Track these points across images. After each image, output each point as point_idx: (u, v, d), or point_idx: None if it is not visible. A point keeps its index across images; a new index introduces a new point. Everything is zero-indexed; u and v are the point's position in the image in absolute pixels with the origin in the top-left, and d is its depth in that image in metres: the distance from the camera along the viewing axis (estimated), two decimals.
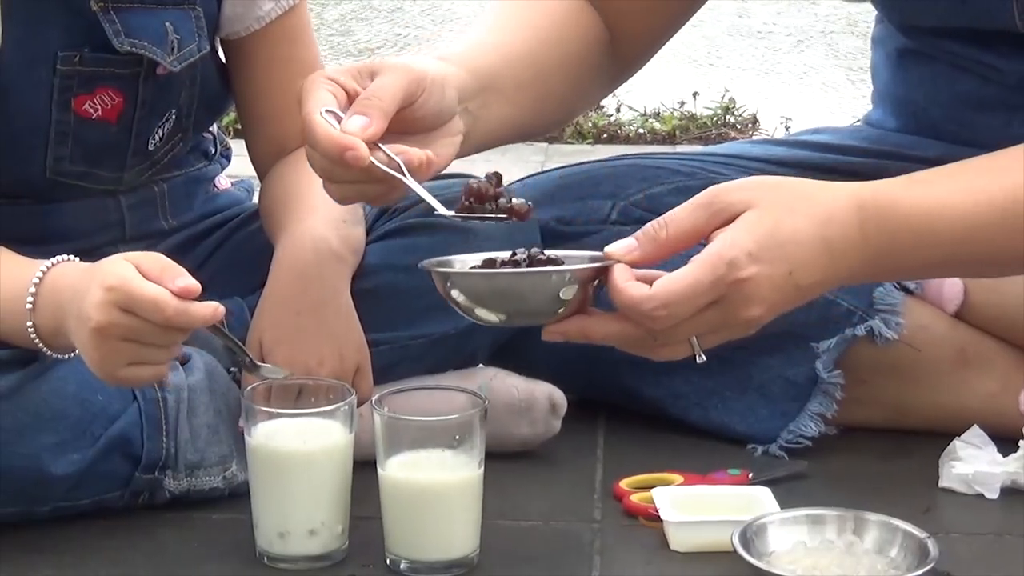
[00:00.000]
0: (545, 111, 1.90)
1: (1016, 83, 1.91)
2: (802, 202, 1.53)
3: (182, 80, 1.83)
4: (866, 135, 2.10)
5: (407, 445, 1.55)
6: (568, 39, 1.89)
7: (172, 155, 1.89)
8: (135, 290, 1.49)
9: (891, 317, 1.85)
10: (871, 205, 1.56)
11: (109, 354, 1.51)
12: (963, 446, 1.77)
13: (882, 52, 2.10)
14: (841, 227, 1.53)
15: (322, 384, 1.62)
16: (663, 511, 1.63)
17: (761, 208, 1.51)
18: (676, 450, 1.85)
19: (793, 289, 1.51)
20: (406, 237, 1.86)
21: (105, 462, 1.66)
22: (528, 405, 1.82)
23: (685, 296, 1.47)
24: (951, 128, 1.99)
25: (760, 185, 1.54)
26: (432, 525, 1.56)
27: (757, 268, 1.48)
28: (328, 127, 1.54)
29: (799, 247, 1.51)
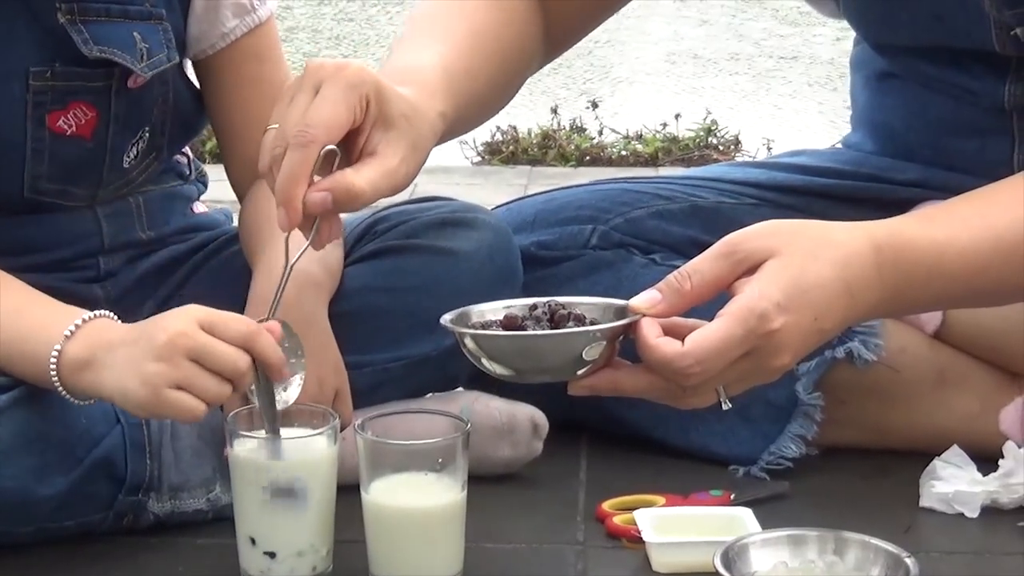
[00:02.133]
0: (487, 111, 1.88)
1: (989, 106, 1.92)
2: (823, 247, 1.53)
3: (154, 96, 1.85)
4: (845, 158, 2.12)
5: (390, 469, 1.55)
6: (514, 39, 1.87)
7: (147, 173, 1.90)
8: (217, 312, 1.54)
9: (870, 339, 1.86)
10: (887, 245, 1.56)
11: (166, 369, 1.51)
12: (943, 466, 1.78)
13: (860, 76, 2.12)
14: (860, 269, 1.54)
15: (305, 409, 1.63)
16: (645, 532, 1.64)
17: (784, 256, 1.50)
18: (658, 472, 1.86)
19: (817, 333, 1.52)
20: (387, 259, 1.86)
21: (89, 484, 1.66)
22: (510, 427, 1.83)
23: (718, 351, 1.47)
24: (926, 152, 2.00)
25: (779, 231, 1.54)
26: (415, 548, 1.56)
27: (786, 318, 1.48)
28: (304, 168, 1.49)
29: (823, 292, 1.51)
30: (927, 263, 1.58)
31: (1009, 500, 1.76)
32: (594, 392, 1.53)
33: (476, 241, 1.86)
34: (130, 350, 1.54)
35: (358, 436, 1.56)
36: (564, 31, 1.96)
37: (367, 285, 1.85)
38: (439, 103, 1.64)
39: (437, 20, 1.82)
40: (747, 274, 1.50)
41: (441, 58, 1.70)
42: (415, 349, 1.84)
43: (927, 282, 1.59)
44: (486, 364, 1.52)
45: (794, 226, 1.55)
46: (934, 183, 1.99)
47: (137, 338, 1.54)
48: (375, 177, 1.53)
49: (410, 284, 1.82)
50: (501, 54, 1.83)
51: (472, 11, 1.83)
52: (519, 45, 1.88)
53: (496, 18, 1.84)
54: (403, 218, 1.90)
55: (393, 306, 1.83)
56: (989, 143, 1.94)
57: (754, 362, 1.49)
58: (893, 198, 2.01)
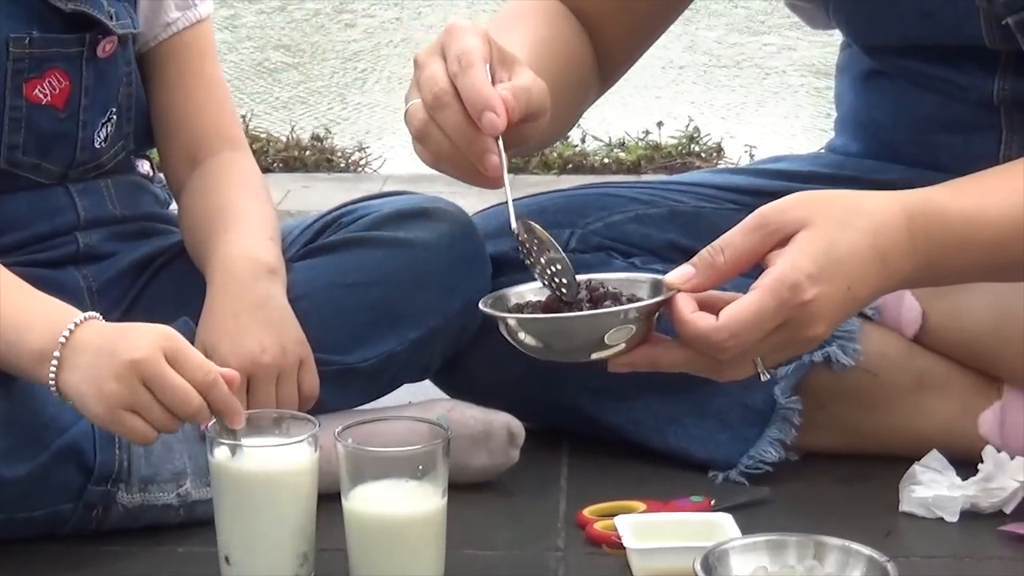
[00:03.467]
0: (563, 124, 1.95)
1: (978, 101, 1.93)
2: (854, 216, 1.54)
3: (119, 74, 1.90)
4: (826, 161, 2.12)
5: (370, 476, 1.55)
6: (579, 55, 1.92)
7: (116, 161, 1.94)
8: (184, 345, 1.55)
9: (848, 344, 1.87)
10: (919, 213, 1.58)
11: (123, 392, 1.53)
12: (923, 470, 1.79)
13: (847, 78, 2.12)
14: (893, 237, 1.55)
15: (285, 417, 1.63)
16: (625, 539, 1.64)
17: (815, 226, 1.52)
18: (639, 478, 1.87)
19: (851, 302, 1.54)
20: (347, 252, 1.88)
21: (57, 471, 1.67)
22: (486, 435, 1.83)
23: (753, 324, 1.48)
24: (913, 150, 2.01)
25: (811, 201, 1.55)
26: (396, 556, 1.56)
27: (819, 288, 1.49)
28: (486, 79, 1.52)
29: (855, 261, 1.52)
30: (959, 232, 1.60)
31: (989, 504, 1.76)
32: (633, 368, 1.55)
33: (436, 231, 1.89)
34: (95, 361, 1.55)
35: (338, 444, 1.56)
36: (612, 61, 1.99)
37: (331, 281, 1.87)
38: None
39: (502, 29, 1.83)
40: (779, 246, 1.52)
41: (520, 48, 1.71)
42: (382, 346, 1.86)
43: (959, 251, 1.60)
44: (525, 342, 1.53)
45: (825, 196, 1.57)
46: (916, 184, 2.00)
47: (102, 349, 1.55)
48: (527, 83, 1.55)
49: (371, 278, 1.84)
50: (561, 61, 1.86)
51: (534, 25, 1.88)
52: (576, 61, 1.91)
53: (553, 33, 1.89)
54: (365, 211, 1.93)
55: (355, 301, 1.85)
56: (976, 138, 1.95)
57: (790, 333, 1.51)
58: None
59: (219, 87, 2.03)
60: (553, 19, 1.92)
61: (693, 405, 1.89)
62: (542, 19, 1.91)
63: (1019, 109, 1.91)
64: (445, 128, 1.53)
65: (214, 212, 1.89)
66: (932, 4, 1.87)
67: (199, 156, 1.97)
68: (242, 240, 1.83)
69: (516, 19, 1.91)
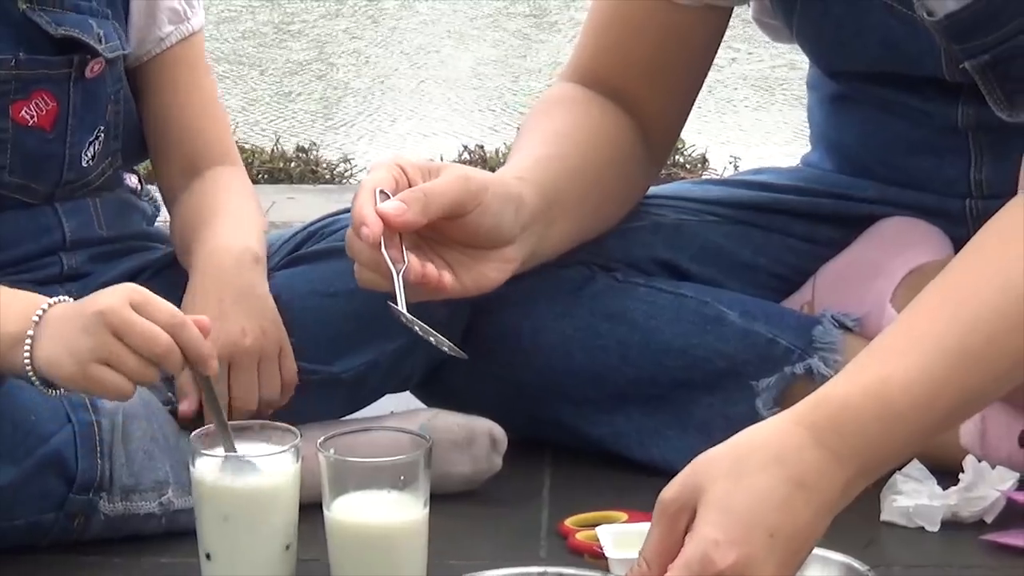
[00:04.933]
0: (603, 216, 1.93)
1: (944, 125, 1.93)
2: (746, 460, 1.38)
3: (107, 92, 1.89)
4: (805, 175, 2.13)
5: (352, 486, 1.55)
6: (611, 140, 1.93)
7: (103, 179, 1.94)
8: (153, 296, 1.56)
9: (830, 355, 1.87)
10: (819, 418, 1.40)
11: (92, 344, 1.53)
12: (904, 480, 1.79)
13: (816, 96, 2.13)
14: (799, 458, 1.38)
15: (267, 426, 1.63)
16: (607, 548, 1.64)
17: (708, 491, 1.36)
18: (621, 488, 1.87)
19: (786, 544, 1.37)
20: (331, 261, 1.89)
21: (39, 479, 1.67)
22: (468, 441, 1.83)
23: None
24: (883, 171, 2.02)
25: (697, 468, 1.39)
26: (378, 566, 1.56)
27: (732, 553, 1.33)
28: (366, 200, 1.61)
29: (766, 504, 1.36)
30: (873, 412, 1.41)
31: (969, 514, 1.76)
32: None
33: None
34: (62, 324, 1.56)
35: (320, 454, 1.56)
36: (657, 131, 1.99)
37: (313, 290, 1.87)
38: (510, 171, 1.78)
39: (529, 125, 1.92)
40: (690, 523, 1.37)
41: (524, 150, 1.83)
42: (364, 355, 1.87)
43: (887, 433, 1.41)
44: None
45: (709, 455, 1.40)
46: (893, 200, 2.01)
47: (71, 313, 1.57)
48: (426, 187, 1.66)
49: (352, 286, 1.83)
50: (586, 147, 1.88)
51: (559, 115, 1.92)
52: (607, 144, 1.92)
53: (579, 120, 1.91)
54: (348, 222, 1.91)
55: (337, 310, 1.86)
56: (946, 161, 1.96)
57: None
58: (853, 214, 2.03)
59: (213, 99, 2.04)
60: (579, 108, 1.93)
61: (676, 418, 1.90)
62: (567, 112, 1.92)
63: (985, 132, 1.91)
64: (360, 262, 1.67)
65: (203, 211, 1.91)
66: (894, 35, 1.87)
67: (197, 168, 1.98)
68: (228, 231, 1.86)
69: (540, 118, 1.93)
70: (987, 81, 1.84)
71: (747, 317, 1.91)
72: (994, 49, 1.81)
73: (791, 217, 2.05)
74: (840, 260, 2.00)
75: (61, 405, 1.68)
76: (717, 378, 1.87)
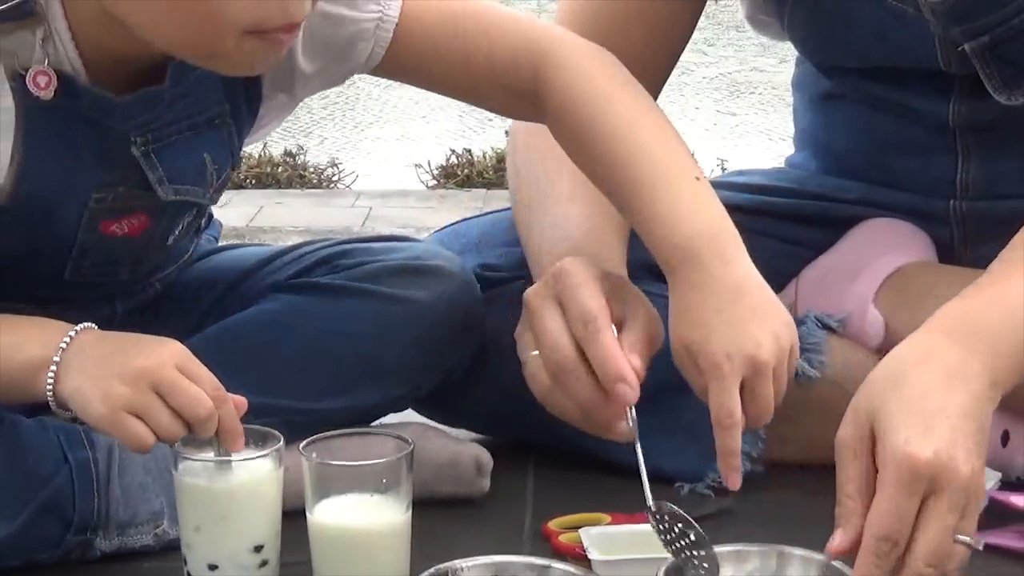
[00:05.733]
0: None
1: (934, 124, 1.94)
2: (899, 370, 1.49)
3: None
4: (790, 176, 2.14)
5: (335, 490, 1.55)
6: None
7: (182, 242, 1.88)
8: (197, 362, 1.54)
9: (814, 356, 1.88)
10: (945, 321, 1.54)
11: (129, 393, 1.51)
12: None
13: (803, 96, 2.14)
14: (942, 356, 1.49)
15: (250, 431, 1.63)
16: (590, 551, 1.64)
17: (882, 408, 1.46)
18: (605, 490, 1.87)
19: (966, 427, 1.45)
20: (344, 301, 1.86)
21: (37, 527, 1.66)
22: (452, 465, 1.82)
23: (892, 514, 1.42)
24: (870, 171, 2.02)
25: (861, 399, 1.50)
26: (361, 569, 1.56)
27: (927, 443, 1.42)
28: (616, 346, 1.57)
29: (934, 398, 1.46)
30: (995, 315, 1.54)
31: None
32: None
33: (436, 292, 1.86)
34: (102, 362, 1.53)
35: (302, 458, 1.56)
36: None
37: (323, 327, 1.84)
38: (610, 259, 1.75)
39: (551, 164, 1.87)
40: (876, 446, 1.46)
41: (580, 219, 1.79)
42: (363, 399, 1.85)
43: (1011, 332, 1.53)
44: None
45: (869, 382, 1.51)
46: (878, 202, 2.01)
47: (111, 353, 1.54)
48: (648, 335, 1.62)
49: (365, 331, 1.82)
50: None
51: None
52: None
53: None
54: (366, 258, 1.89)
55: (347, 352, 1.83)
56: (933, 161, 1.96)
57: (948, 494, 1.43)
58: (837, 215, 2.03)
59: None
60: None
61: (661, 420, 1.90)
62: None
63: (974, 132, 1.92)
64: (572, 395, 1.59)
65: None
66: (887, 27, 1.88)
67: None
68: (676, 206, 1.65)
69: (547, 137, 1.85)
70: (985, 64, 1.85)
71: None
72: (993, 30, 1.82)
73: (775, 219, 2.06)
74: (823, 262, 2.00)
75: (57, 441, 1.67)
76: None
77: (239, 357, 1.80)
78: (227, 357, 1.76)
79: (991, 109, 1.88)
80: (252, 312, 1.86)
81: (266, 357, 1.82)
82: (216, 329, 1.86)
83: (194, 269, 1.96)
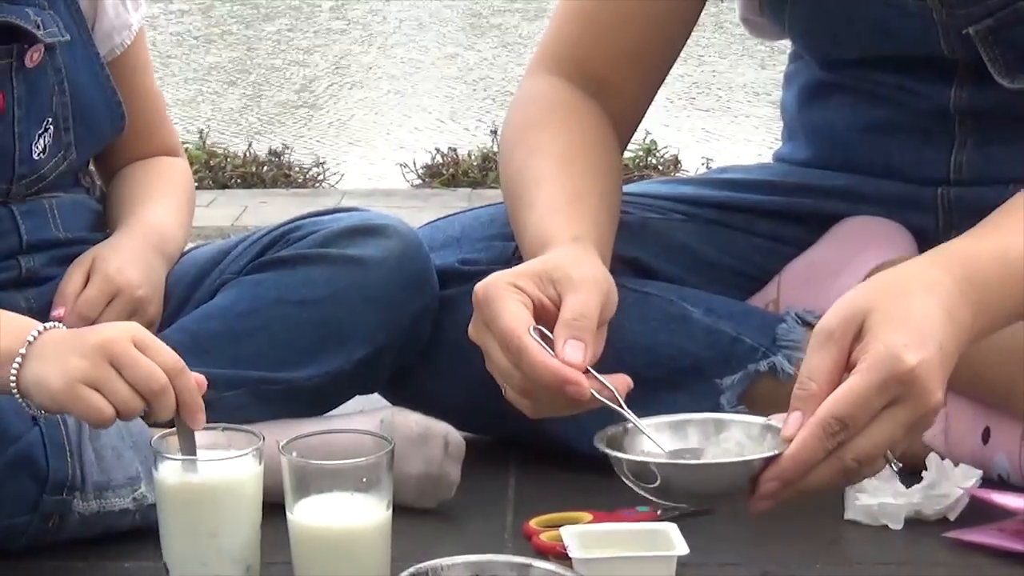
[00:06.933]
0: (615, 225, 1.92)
1: (933, 109, 1.94)
2: (906, 285, 1.53)
3: (49, 82, 1.91)
4: (773, 171, 2.14)
5: (315, 489, 1.55)
6: (606, 148, 1.93)
7: (57, 172, 1.95)
8: (156, 339, 1.57)
9: (793, 353, 1.87)
10: (954, 264, 1.57)
11: (86, 366, 1.53)
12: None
13: (795, 87, 2.13)
14: (945, 291, 1.54)
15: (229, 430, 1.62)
16: (571, 549, 1.64)
17: (880, 308, 1.50)
18: (586, 488, 1.86)
19: (949, 360, 1.51)
20: (297, 269, 1.89)
21: (11, 482, 1.66)
22: (423, 438, 1.81)
23: (859, 402, 1.45)
24: (866, 155, 2.02)
25: (860, 293, 1.53)
26: (343, 568, 1.56)
27: (919, 355, 1.46)
28: (544, 354, 1.56)
29: (933, 322, 1.50)
30: (996, 271, 1.59)
31: (932, 511, 1.77)
32: (777, 502, 1.52)
33: (385, 249, 1.89)
34: (59, 345, 1.56)
35: (282, 457, 1.56)
36: (626, 119, 1.99)
37: (279, 298, 1.87)
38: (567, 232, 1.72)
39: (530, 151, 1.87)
40: (856, 343, 1.49)
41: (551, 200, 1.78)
42: (328, 363, 1.86)
43: (1004, 291, 1.60)
44: (650, 488, 1.53)
45: (869, 283, 1.55)
46: (862, 191, 2.01)
47: (69, 337, 1.57)
48: (582, 318, 1.59)
49: (320, 295, 1.84)
50: (592, 161, 1.87)
51: (557, 133, 1.89)
52: (604, 149, 1.92)
53: (576, 136, 1.89)
54: (314, 228, 1.93)
55: (304, 318, 1.85)
56: (928, 144, 1.97)
57: (911, 410, 1.47)
58: (818, 212, 2.03)
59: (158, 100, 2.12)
60: (574, 120, 1.91)
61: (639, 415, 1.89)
62: (565, 128, 1.90)
63: (974, 116, 1.92)
64: (544, 403, 1.61)
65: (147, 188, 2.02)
66: (888, 20, 1.88)
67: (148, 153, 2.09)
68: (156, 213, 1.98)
69: (543, 137, 1.90)
70: (989, 47, 1.85)
71: (712, 315, 1.92)
72: (998, 13, 1.83)
73: (756, 216, 2.06)
74: (804, 258, 2.01)
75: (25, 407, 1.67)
76: (682, 376, 1.87)
77: (204, 339, 1.84)
78: (192, 339, 1.82)
79: (993, 95, 1.89)
80: (215, 299, 1.91)
81: (230, 333, 1.85)
82: (181, 321, 1.90)
83: None
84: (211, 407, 1.66)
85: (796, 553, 1.71)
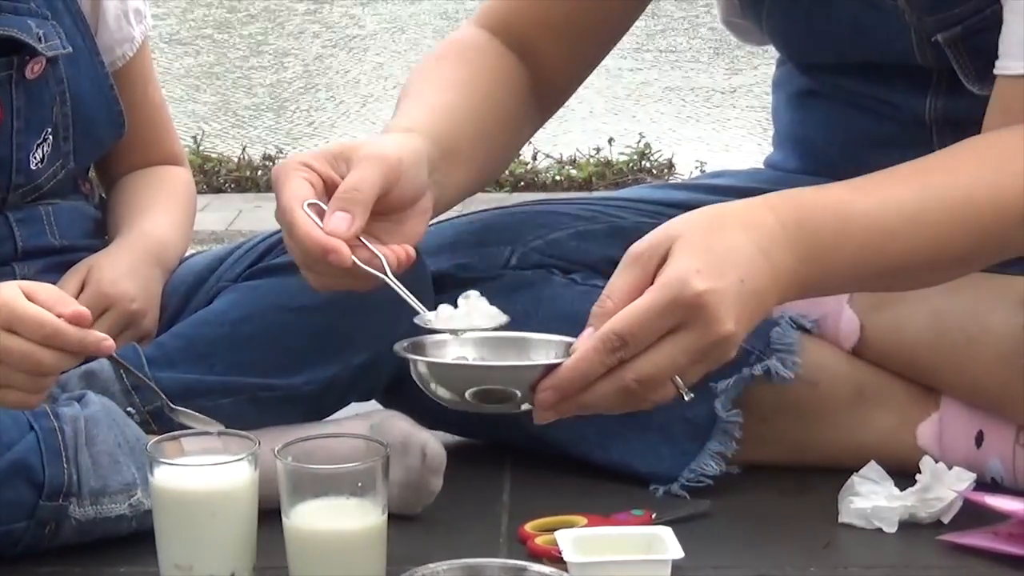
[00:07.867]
0: (492, 166, 1.95)
1: (910, 120, 1.95)
2: (720, 219, 1.54)
3: (51, 93, 1.91)
4: (765, 176, 2.14)
5: (311, 494, 1.55)
6: (506, 92, 1.92)
7: (55, 181, 1.95)
8: (18, 307, 1.55)
9: (788, 356, 1.88)
10: (782, 206, 1.57)
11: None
12: (861, 481, 1.80)
13: (782, 94, 2.14)
14: (765, 228, 1.54)
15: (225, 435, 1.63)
16: (566, 553, 1.64)
17: (687, 236, 1.51)
18: (581, 492, 1.87)
19: (751, 296, 1.51)
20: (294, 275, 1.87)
21: (7, 488, 1.66)
22: (403, 448, 1.81)
23: (642, 319, 1.46)
24: (848, 167, 2.02)
25: (674, 222, 1.54)
26: (338, 572, 1.56)
27: (709, 282, 1.47)
28: (311, 225, 1.58)
29: (739, 255, 1.50)
30: (831, 222, 1.58)
31: (926, 515, 1.77)
32: (559, 415, 1.53)
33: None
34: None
35: (278, 462, 1.56)
36: (553, 90, 2.00)
37: (276, 304, 1.86)
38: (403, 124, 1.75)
39: (420, 78, 1.90)
40: (661, 266, 1.50)
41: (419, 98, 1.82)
42: (324, 370, 1.86)
43: (837, 243, 1.58)
44: (436, 391, 1.55)
45: (687, 214, 1.56)
46: None
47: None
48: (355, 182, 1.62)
49: (318, 301, 1.84)
50: (478, 100, 1.87)
51: (452, 68, 1.91)
52: (502, 96, 1.92)
53: (472, 74, 1.90)
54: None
55: (301, 325, 1.85)
56: (908, 156, 1.97)
57: (696, 336, 1.48)
58: None
59: (162, 109, 2.11)
60: (477, 58, 1.93)
61: (636, 420, 1.89)
62: (463, 60, 1.92)
63: (951, 127, 1.93)
64: (324, 276, 1.64)
65: (147, 197, 2.02)
66: (864, 22, 1.89)
67: (151, 162, 2.09)
68: (160, 224, 1.98)
69: (436, 64, 1.93)
70: (958, 54, 1.86)
71: None
72: (967, 20, 1.84)
73: None
74: None
75: (23, 414, 1.68)
76: None
77: (201, 345, 1.84)
78: (189, 345, 1.83)
79: (966, 103, 1.89)
80: (212, 305, 1.91)
81: (228, 340, 1.85)
82: (178, 326, 1.90)
83: None
84: (209, 414, 1.67)
85: (790, 556, 1.71)
